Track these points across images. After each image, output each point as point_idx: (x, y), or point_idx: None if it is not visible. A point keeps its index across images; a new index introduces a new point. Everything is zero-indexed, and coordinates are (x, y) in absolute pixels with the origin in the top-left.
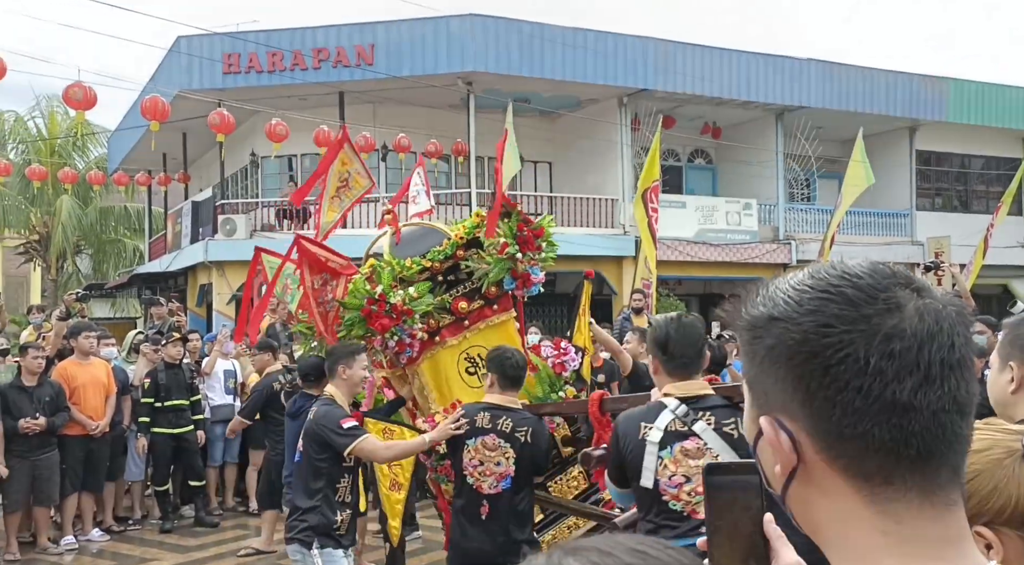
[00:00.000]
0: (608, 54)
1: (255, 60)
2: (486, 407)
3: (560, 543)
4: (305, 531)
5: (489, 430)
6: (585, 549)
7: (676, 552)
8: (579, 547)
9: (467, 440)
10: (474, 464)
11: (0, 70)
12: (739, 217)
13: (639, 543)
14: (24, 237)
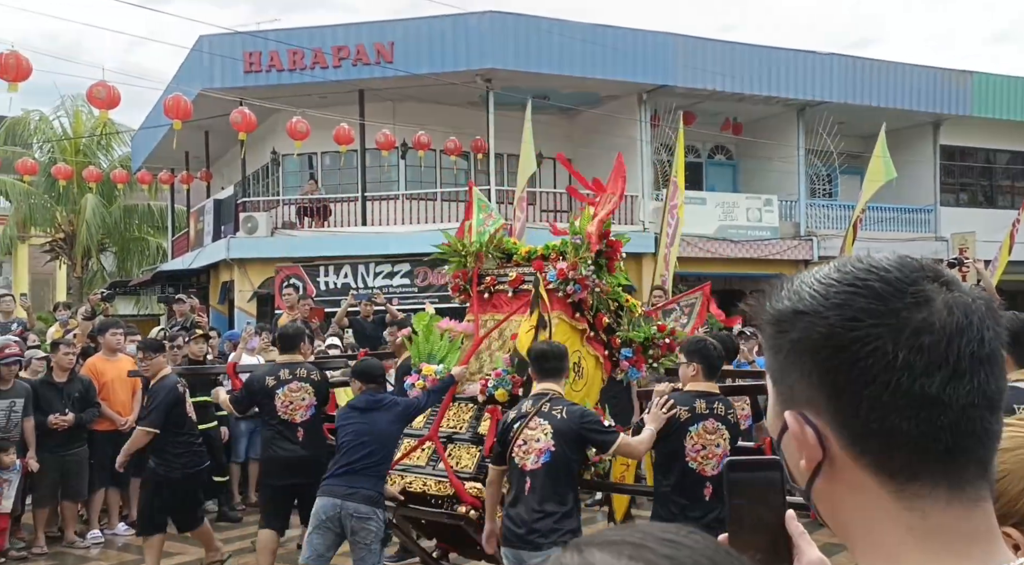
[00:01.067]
0: (628, 50)
1: (276, 59)
2: (699, 394)
3: (586, 537)
4: (566, 535)
5: (708, 415)
6: (616, 542)
7: (704, 538)
8: (609, 540)
9: (690, 427)
10: (696, 449)
11: (25, 70)
12: (760, 213)
13: (668, 532)
14: (50, 235)
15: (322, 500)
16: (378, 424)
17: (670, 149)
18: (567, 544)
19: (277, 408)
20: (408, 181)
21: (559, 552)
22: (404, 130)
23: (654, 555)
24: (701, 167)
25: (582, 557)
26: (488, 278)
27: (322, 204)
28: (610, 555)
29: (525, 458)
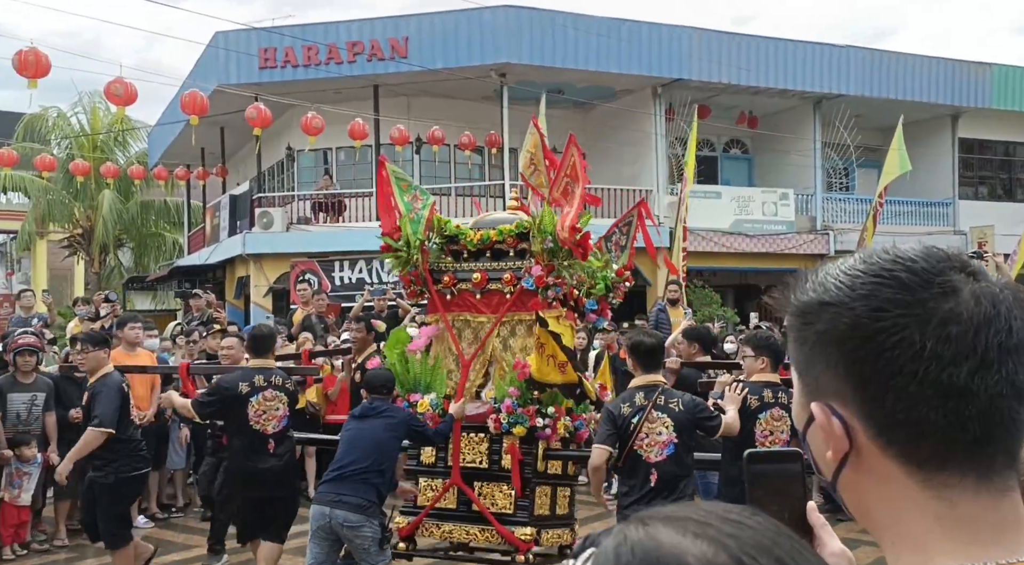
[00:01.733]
0: (643, 43)
1: (291, 54)
2: (766, 384)
3: (648, 512)
4: None
5: (774, 403)
6: (680, 518)
7: (767, 520)
8: (673, 516)
9: (759, 415)
10: (765, 434)
11: (45, 67)
12: (775, 207)
13: (731, 512)
14: (68, 231)
15: (313, 508)
16: (372, 431)
17: (685, 143)
18: (630, 520)
19: (249, 417)
20: (423, 176)
21: (623, 525)
22: (418, 125)
23: (718, 533)
24: (716, 161)
25: (647, 531)
26: (446, 277)
27: (337, 199)
28: (675, 530)
29: (649, 451)
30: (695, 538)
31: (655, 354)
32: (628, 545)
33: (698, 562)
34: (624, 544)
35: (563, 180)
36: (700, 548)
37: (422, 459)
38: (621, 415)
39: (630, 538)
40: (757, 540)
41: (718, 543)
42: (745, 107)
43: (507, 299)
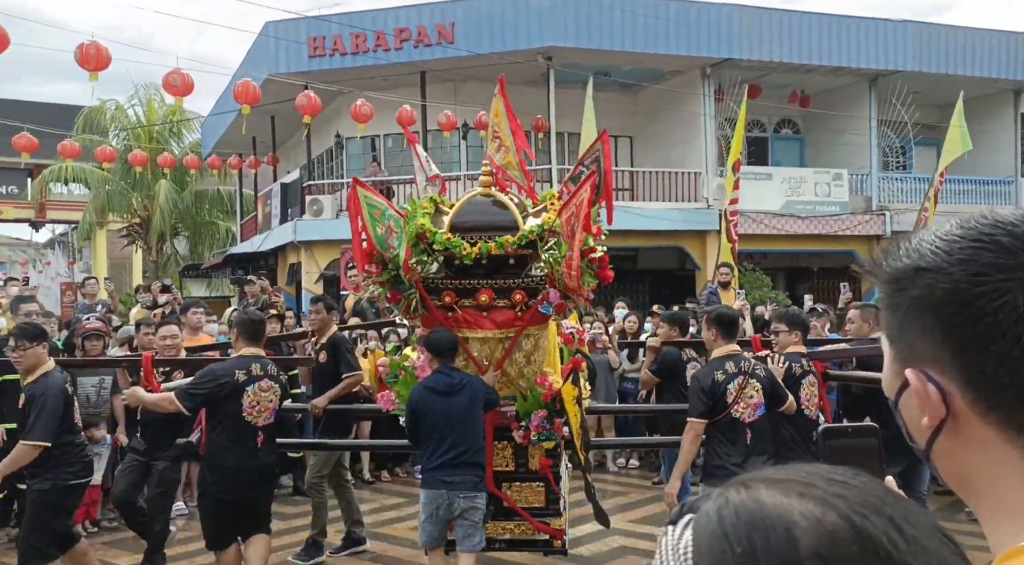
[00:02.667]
0: (691, 23)
1: (339, 42)
2: (802, 354)
3: (748, 474)
4: None
5: (810, 371)
6: (782, 480)
7: (872, 480)
8: (775, 478)
9: (802, 380)
10: (807, 398)
11: (105, 60)
12: (828, 188)
13: (835, 473)
14: (126, 221)
15: (430, 492)
16: (463, 407)
17: (735, 124)
18: (729, 484)
19: (243, 408)
20: (469, 161)
21: (722, 488)
22: (465, 110)
23: (825, 493)
24: (766, 142)
25: (749, 493)
26: (446, 295)
27: (385, 186)
28: (778, 491)
29: (743, 412)
30: (800, 498)
31: (735, 325)
32: (731, 507)
33: (806, 522)
34: (726, 506)
35: (571, 209)
36: (806, 507)
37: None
38: (716, 383)
39: (732, 500)
40: (866, 499)
41: (825, 503)
42: (797, 86)
43: (517, 315)
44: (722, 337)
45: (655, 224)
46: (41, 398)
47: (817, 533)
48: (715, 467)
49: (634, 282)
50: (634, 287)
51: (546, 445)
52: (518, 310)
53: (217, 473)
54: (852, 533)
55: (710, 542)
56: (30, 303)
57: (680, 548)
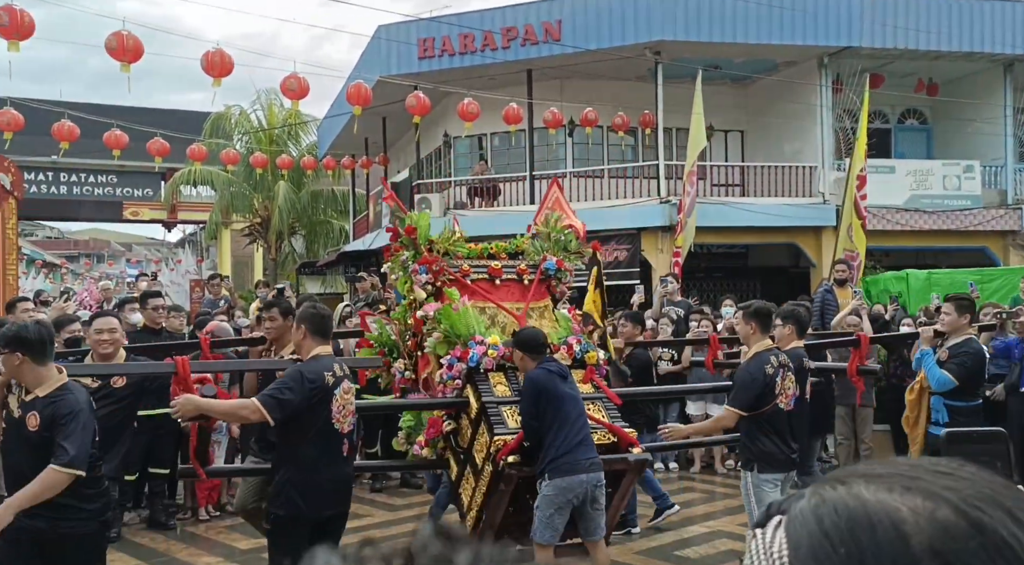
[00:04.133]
0: (808, 11)
1: (448, 43)
2: (799, 349)
3: (843, 470)
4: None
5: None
6: (883, 475)
7: (979, 470)
8: (874, 473)
9: (775, 377)
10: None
11: (228, 66)
12: (958, 181)
13: (939, 465)
14: (248, 220)
15: (569, 479)
16: (575, 388)
17: (854, 115)
18: (822, 482)
19: (332, 414)
20: (575, 159)
21: (815, 486)
22: (571, 108)
23: (932, 486)
24: (889, 133)
25: (847, 490)
26: (464, 265)
27: (492, 184)
28: (881, 487)
29: (785, 402)
30: (906, 492)
31: (772, 318)
32: (829, 506)
33: (916, 517)
34: (823, 505)
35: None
36: (915, 502)
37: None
38: (767, 376)
39: (829, 499)
40: (978, 490)
41: (935, 496)
42: (923, 74)
43: (525, 286)
44: (761, 331)
45: (766, 220)
46: (69, 419)
47: (930, 529)
48: (763, 454)
49: (744, 280)
50: (744, 285)
51: (590, 358)
52: (526, 281)
53: (312, 491)
54: (968, 527)
55: (811, 544)
56: (157, 298)
57: (774, 552)
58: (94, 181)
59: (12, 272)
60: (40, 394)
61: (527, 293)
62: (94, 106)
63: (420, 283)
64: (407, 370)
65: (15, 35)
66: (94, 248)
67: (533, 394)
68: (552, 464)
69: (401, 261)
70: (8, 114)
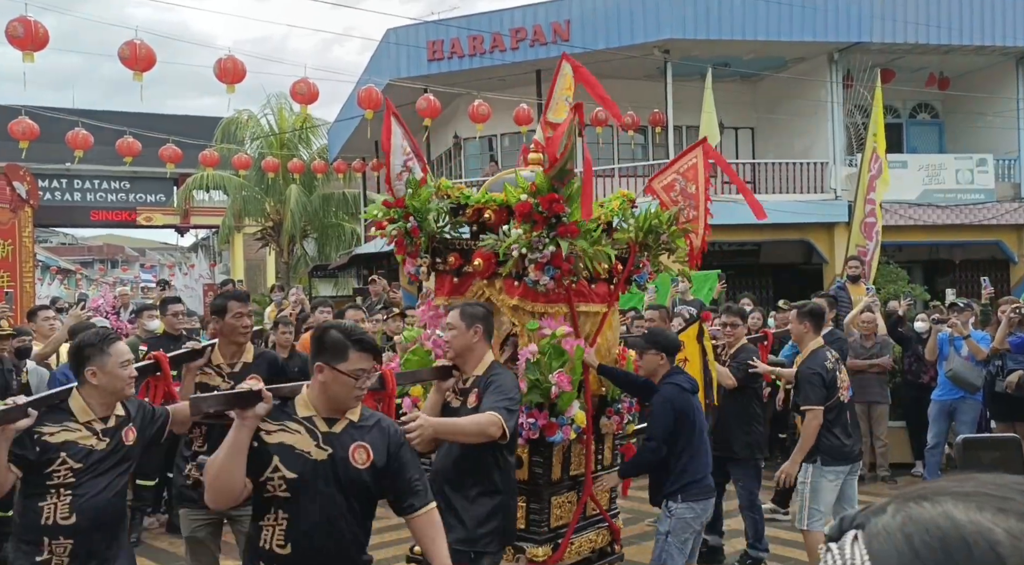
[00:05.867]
0: (817, 8)
1: (457, 45)
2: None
3: (926, 488)
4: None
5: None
6: (971, 494)
7: None
8: (963, 492)
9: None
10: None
11: (241, 73)
12: (971, 175)
13: (1022, 483)
14: (260, 224)
15: (704, 503)
16: (699, 404)
17: (865, 111)
18: (904, 498)
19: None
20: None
21: (898, 503)
22: None
23: (1020, 506)
24: (901, 128)
25: (936, 508)
26: (452, 256)
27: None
28: (972, 507)
29: (844, 394)
30: (999, 513)
31: (823, 318)
32: (918, 525)
33: (1011, 540)
34: (911, 523)
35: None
36: (1009, 524)
37: (552, 477)
38: (828, 371)
39: (918, 517)
40: None
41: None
42: (935, 68)
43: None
44: (814, 330)
45: (778, 217)
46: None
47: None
48: (828, 447)
49: (757, 277)
50: (757, 282)
51: (630, 430)
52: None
53: (511, 513)
54: None
55: (900, 562)
56: (177, 304)
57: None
58: (107, 187)
59: (29, 279)
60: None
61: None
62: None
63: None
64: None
65: (30, 46)
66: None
67: (669, 416)
68: (692, 486)
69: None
70: (23, 123)
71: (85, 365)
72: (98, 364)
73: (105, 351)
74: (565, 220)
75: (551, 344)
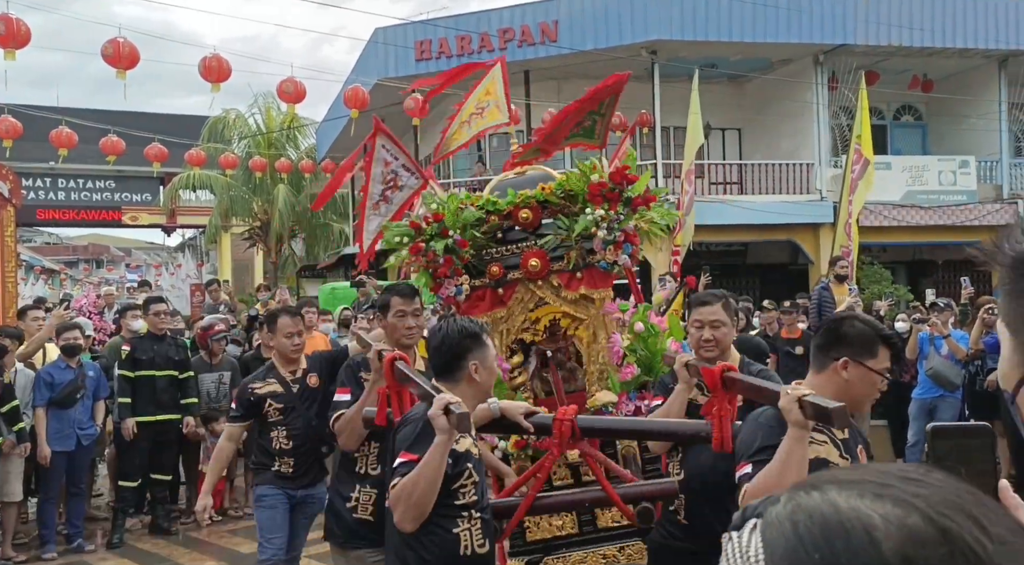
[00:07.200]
0: (804, 10)
1: (445, 45)
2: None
3: (814, 477)
4: None
5: None
6: (854, 482)
7: (946, 476)
8: (846, 479)
9: None
10: None
11: (226, 71)
12: (954, 176)
13: (907, 471)
14: (248, 224)
15: None
16: None
17: (850, 112)
18: (796, 487)
19: None
20: (574, 157)
21: (790, 492)
22: None
23: (902, 493)
24: (885, 130)
25: (821, 496)
26: (494, 267)
27: None
28: (853, 494)
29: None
30: (877, 499)
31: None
32: (804, 512)
33: (887, 524)
34: (799, 511)
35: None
36: (886, 509)
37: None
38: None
39: (804, 505)
40: (945, 497)
41: (905, 503)
42: (918, 70)
43: (575, 276)
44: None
45: (765, 218)
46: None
47: (900, 536)
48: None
49: (744, 277)
50: (744, 282)
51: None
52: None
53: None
54: (937, 534)
55: (786, 549)
56: (160, 304)
57: (750, 555)
58: (92, 186)
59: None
60: None
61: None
62: (92, 112)
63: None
64: None
65: (11, 44)
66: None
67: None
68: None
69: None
70: (6, 122)
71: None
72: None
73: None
74: (630, 193)
75: (643, 318)
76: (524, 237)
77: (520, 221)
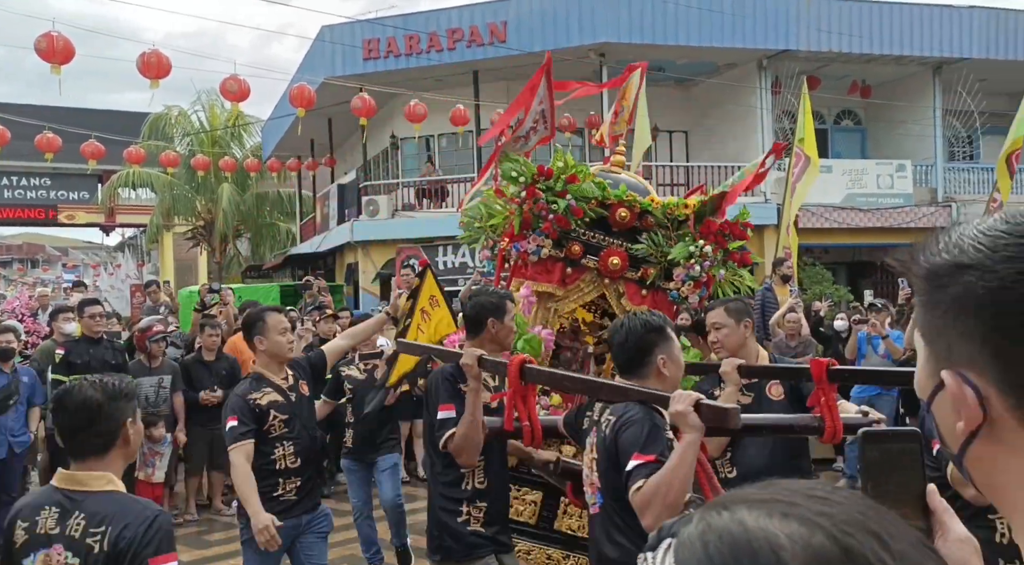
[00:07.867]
0: (747, 15)
1: (393, 45)
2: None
3: (725, 496)
4: None
5: None
6: (764, 501)
7: (852, 494)
8: (756, 498)
9: None
10: None
11: (165, 68)
12: (891, 180)
13: (814, 489)
14: (191, 224)
15: None
16: None
17: (792, 116)
18: (708, 507)
19: None
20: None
21: (702, 511)
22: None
23: (807, 512)
24: (826, 134)
25: (730, 516)
26: (575, 245)
27: (440, 185)
28: (761, 513)
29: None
30: (784, 519)
31: None
32: (714, 532)
33: (793, 544)
34: (709, 531)
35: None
36: (791, 529)
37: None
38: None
39: (714, 525)
40: (849, 516)
41: (810, 522)
42: (857, 76)
43: (639, 291)
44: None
45: None
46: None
47: (806, 555)
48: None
49: None
50: None
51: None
52: (643, 287)
53: None
54: (840, 553)
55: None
56: (94, 306)
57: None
58: (27, 184)
59: None
60: None
61: (645, 298)
62: (27, 107)
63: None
64: None
65: None
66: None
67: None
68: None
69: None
70: None
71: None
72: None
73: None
74: (737, 248)
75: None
76: (616, 233)
77: (616, 217)
